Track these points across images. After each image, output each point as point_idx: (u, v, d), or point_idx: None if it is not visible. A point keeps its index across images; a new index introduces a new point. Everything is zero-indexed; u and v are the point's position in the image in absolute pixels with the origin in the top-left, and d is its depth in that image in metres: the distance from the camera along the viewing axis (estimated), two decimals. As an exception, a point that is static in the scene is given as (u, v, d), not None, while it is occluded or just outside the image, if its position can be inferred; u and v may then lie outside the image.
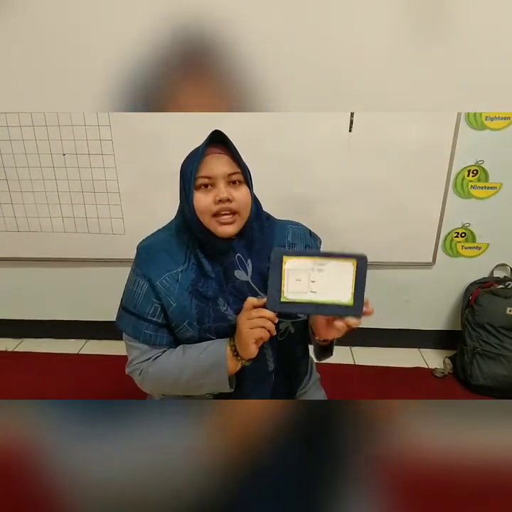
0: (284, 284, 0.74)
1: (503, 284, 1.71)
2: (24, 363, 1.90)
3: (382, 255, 1.76)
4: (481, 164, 1.65)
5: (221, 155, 0.81)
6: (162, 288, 0.85)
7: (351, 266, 0.73)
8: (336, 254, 0.74)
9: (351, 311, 0.73)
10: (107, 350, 1.92)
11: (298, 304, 0.74)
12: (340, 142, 1.59)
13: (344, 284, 0.73)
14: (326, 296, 0.73)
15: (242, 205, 0.81)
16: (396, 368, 1.84)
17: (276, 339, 0.89)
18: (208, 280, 0.85)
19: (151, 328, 0.86)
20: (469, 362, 1.69)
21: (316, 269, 0.74)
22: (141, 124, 1.59)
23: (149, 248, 0.89)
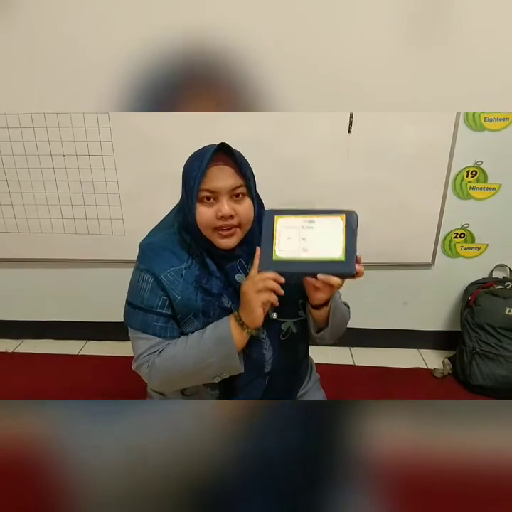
0: (275, 243, 0.74)
1: (503, 285, 1.72)
2: (24, 364, 1.90)
3: (381, 256, 1.76)
4: (480, 165, 1.66)
5: (225, 167, 0.79)
6: (167, 281, 0.85)
7: (340, 221, 0.73)
8: (326, 211, 0.74)
9: (344, 267, 0.72)
10: (107, 351, 1.91)
11: (290, 263, 0.73)
12: (340, 143, 1.60)
13: (335, 240, 0.73)
14: (318, 253, 0.73)
15: (244, 220, 0.81)
16: (395, 369, 1.84)
17: (278, 339, 0.89)
18: (212, 278, 0.85)
19: (162, 320, 0.86)
20: (468, 362, 1.70)
21: (306, 226, 0.74)
22: (141, 125, 1.60)
23: (152, 245, 0.88)
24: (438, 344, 1.97)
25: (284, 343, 0.90)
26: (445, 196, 1.68)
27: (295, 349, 0.95)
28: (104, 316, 1.94)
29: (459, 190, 1.70)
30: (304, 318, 0.92)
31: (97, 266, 1.88)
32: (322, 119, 1.57)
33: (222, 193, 0.79)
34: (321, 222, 0.74)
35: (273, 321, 0.88)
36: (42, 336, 2.05)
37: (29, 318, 2.04)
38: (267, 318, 0.86)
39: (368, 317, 1.85)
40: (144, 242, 0.90)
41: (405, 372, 1.83)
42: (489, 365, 1.66)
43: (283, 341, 0.90)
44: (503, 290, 1.69)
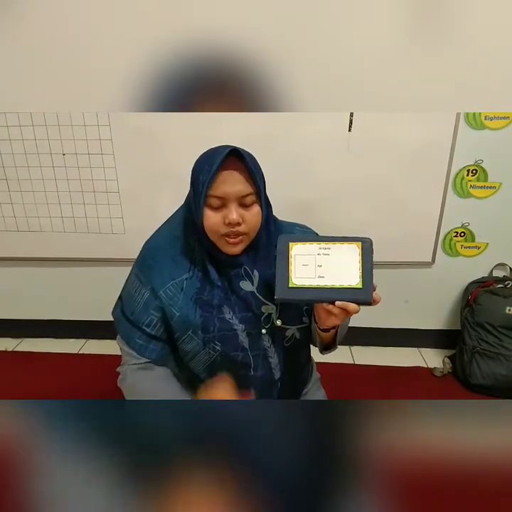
0: (291, 270, 0.73)
1: (503, 284, 1.72)
2: (24, 363, 1.90)
3: (381, 255, 1.74)
4: (481, 164, 1.65)
5: (235, 172, 0.76)
6: (165, 297, 0.84)
7: (356, 249, 0.73)
8: (341, 238, 0.74)
9: (361, 294, 0.72)
10: (106, 349, 1.91)
11: (306, 289, 0.73)
12: (340, 142, 1.59)
13: (351, 267, 0.73)
14: (335, 280, 0.72)
15: (251, 228, 0.79)
16: (395, 368, 1.84)
17: (282, 346, 0.89)
18: (213, 288, 0.84)
19: (143, 339, 0.86)
20: (469, 361, 1.70)
21: (322, 253, 0.73)
22: (141, 123, 1.59)
23: (155, 252, 0.87)
24: (438, 343, 1.97)
25: (287, 349, 0.90)
26: (445, 195, 1.68)
27: (298, 354, 0.95)
28: (104, 315, 1.91)
29: (459, 189, 1.70)
30: (308, 324, 0.91)
31: (97, 264, 1.88)
32: (322, 118, 1.56)
33: (230, 199, 0.76)
34: (336, 250, 0.74)
35: (277, 328, 0.87)
36: (42, 334, 2.05)
37: (29, 317, 2.04)
38: (272, 325, 0.86)
39: (367, 316, 1.83)
40: (147, 246, 0.90)
41: (405, 371, 1.83)
42: (489, 364, 1.66)
43: (287, 347, 0.90)
44: (503, 289, 1.69)
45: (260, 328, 0.86)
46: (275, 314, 0.86)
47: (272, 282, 0.76)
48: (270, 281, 0.77)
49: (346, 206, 1.69)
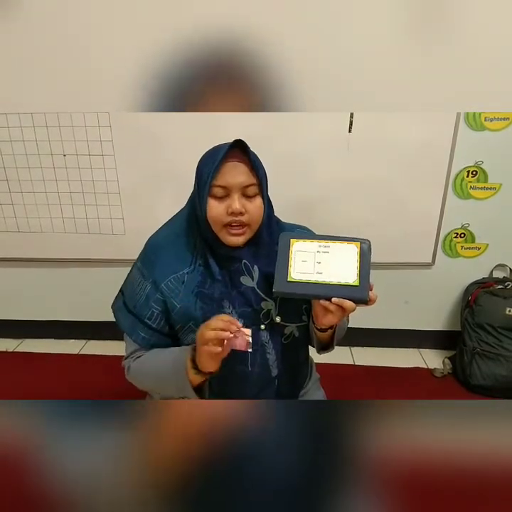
0: (290, 265, 0.76)
1: (503, 285, 1.72)
2: (24, 364, 1.90)
3: (381, 255, 1.75)
4: (481, 165, 1.65)
5: (239, 163, 0.79)
6: (167, 290, 0.85)
7: (355, 248, 0.77)
8: (341, 238, 0.77)
9: (357, 292, 0.74)
10: (107, 350, 1.91)
11: (304, 284, 0.75)
12: (340, 143, 1.60)
13: (349, 265, 0.76)
14: (332, 277, 0.75)
15: (253, 218, 0.81)
16: (395, 368, 1.84)
17: (280, 343, 0.89)
18: (214, 282, 0.85)
19: (145, 332, 0.87)
20: (469, 362, 1.70)
21: (322, 250, 0.77)
22: (142, 124, 1.60)
23: (157, 247, 0.89)
24: (438, 344, 1.97)
25: (286, 347, 0.90)
26: (445, 196, 1.68)
27: (296, 352, 0.95)
28: (104, 316, 1.91)
29: (459, 190, 1.70)
30: (307, 323, 0.92)
31: (98, 265, 1.88)
32: (322, 119, 1.57)
33: (234, 189, 0.79)
34: (336, 248, 0.77)
35: (276, 324, 0.88)
36: (42, 335, 2.05)
37: (29, 318, 2.04)
38: (271, 321, 0.87)
39: (367, 317, 1.84)
40: (150, 242, 0.91)
41: (405, 371, 1.83)
42: (489, 365, 1.66)
43: (285, 345, 0.90)
44: (503, 290, 1.69)
45: (259, 324, 0.87)
46: (274, 311, 0.87)
47: (272, 279, 0.77)
48: (270, 277, 0.78)
49: (346, 206, 1.69)
